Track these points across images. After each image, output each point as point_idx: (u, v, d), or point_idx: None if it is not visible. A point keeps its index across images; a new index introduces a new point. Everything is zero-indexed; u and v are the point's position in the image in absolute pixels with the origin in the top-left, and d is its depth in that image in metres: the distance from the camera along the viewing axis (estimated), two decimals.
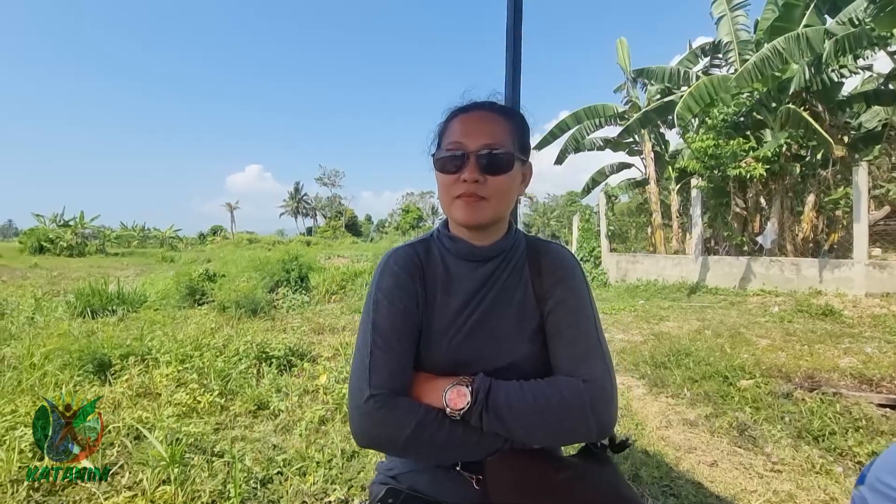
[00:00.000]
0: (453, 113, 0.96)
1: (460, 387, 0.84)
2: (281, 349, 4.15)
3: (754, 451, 2.78)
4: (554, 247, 1.02)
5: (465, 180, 0.88)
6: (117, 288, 7.50)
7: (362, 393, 0.84)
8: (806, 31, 7.88)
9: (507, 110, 0.96)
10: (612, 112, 13.10)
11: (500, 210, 0.93)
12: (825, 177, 9.99)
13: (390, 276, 0.95)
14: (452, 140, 0.91)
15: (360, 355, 0.89)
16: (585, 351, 0.88)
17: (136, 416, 2.72)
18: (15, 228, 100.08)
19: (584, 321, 0.91)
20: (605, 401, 0.83)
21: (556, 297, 0.94)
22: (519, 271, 0.98)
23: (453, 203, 0.92)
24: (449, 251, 0.99)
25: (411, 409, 0.84)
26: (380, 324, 0.90)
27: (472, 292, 0.95)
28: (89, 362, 3.67)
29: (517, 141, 0.93)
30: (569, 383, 0.84)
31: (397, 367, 0.88)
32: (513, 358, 0.91)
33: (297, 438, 2.74)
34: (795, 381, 3.83)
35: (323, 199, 76.00)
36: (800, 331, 6.17)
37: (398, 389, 0.86)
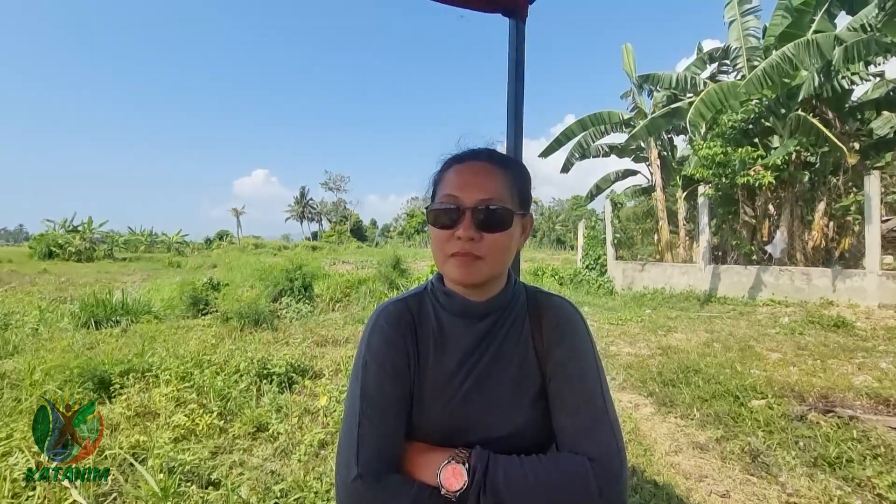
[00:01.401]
0: (447, 162, 0.90)
1: (456, 465, 0.77)
2: (282, 365, 4.10)
3: (768, 479, 2.69)
4: (556, 300, 0.95)
5: (459, 237, 0.82)
6: (122, 297, 7.51)
7: (349, 470, 0.78)
8: (816, 38, 7.76)
9: (506, 160, 0.90)
10: (617, 119, 13.00)
11: (497, 268, 0.87)
12: (835, 184, 9.83)
13: (380, 337, 0.88)
14: (446, 193, 0.85)
15: (349, 425, 0.83)
16: (591, 422, 0.81)
17: (133, 441, 2.67)
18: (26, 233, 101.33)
19: (588, 387, 0.84)
20: (612, 482, 0.76)
21: (557, 359, 0.87)
22: (518, 328, 0.92)
23: (447, 261, 0.85)
24: (443, 307, 0.92)
25: (402, 489, 0.77)
26: (369, 390, 0.84)
27: (468, 352, 0.89)
28: (89, 379, 3.64)
29: (516, 194, 0.87)
30: (573, 462, 0.77)
31: (387, 440, 0.81)
32: (512, 426, 0.85)
33: (296, 464, 2.68)
34: (809, 402, 3.72)
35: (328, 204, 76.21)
36: (811, 344, 6.04)
37: (388, 466, 0.80)
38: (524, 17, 1.38)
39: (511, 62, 1.38)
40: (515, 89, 1.37)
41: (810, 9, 8.94)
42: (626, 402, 4.02)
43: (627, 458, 0.81)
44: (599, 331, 7.16)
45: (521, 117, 1.37)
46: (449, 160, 0.90)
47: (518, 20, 1.38)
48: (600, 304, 10.49)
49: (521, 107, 1.38)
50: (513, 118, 1.36)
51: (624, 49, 13.06)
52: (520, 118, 1.37)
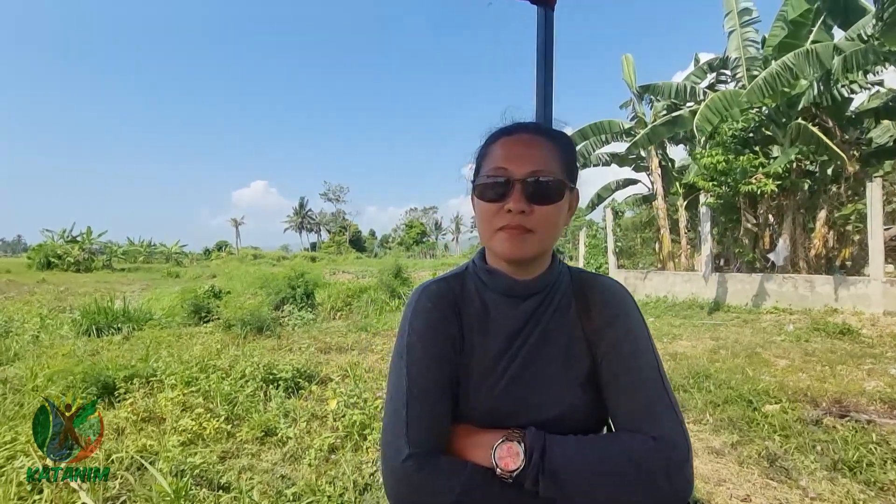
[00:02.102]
0: (495, 135, 0.87)
1: (511, 443, 0.73)
2: (288, 371, 4.04)
3: (789, 483, 2.63)
4: (603, 279, 0.92)
5: (509, 210, 0.79)
6: (123, 305, 7.45)
7: (399, 452, 0.74)
8: (815, 48, 7.85)
9: (554, 133, 0.87)
10: (618, 128, 13.08)
11: (547, 243, 0.84)
12: (835, 192, 9.87)
13: (423, 316, 0.85)
14: (495, 165, 0.82)
15: (395, 406, 0.79)
16: (650, 401, 0.77)
17: (139, 445, 2.61)
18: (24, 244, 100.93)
19: (645, 366, 0.81)
20: (679, 462, 0.72)
21: (609, 339, 0.84)
22: (565, 308, 0.89)
23: (495, 235, 0.82)
24: (486, 286, 0.89)
25: (456, 470, 0.73)
26: (414, 371, 0.80)
27: (514, 332, 0.85)
28: (93, 385, 3.58)
29: (565, 166, 0.85)
30: (637, 441, 0.74)
31: (436, 421, 0.78)
32: (562, 408, 0.81)
33: (307, 469, 2.62)
34: (823, 407, 3.68)
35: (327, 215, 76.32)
36: (818, 351, 6.00)
37: (439, 446, 0.76)
38: (553, 3, 1.38)
39: (539, 50, 1.37)
40: (545, 77, 1.35)
41: (808, 21, 9.07)
42: None
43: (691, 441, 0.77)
44: None
45: (550, 105, 1.35)
46: (495, 133, 0.87)
47: (547, 7, 1.37)
48: None
49: (550, 95, 1.36)
50: (542, 106, 1.35)
51: (624, 59, 13.21)
52: (549, 106, 1.36)
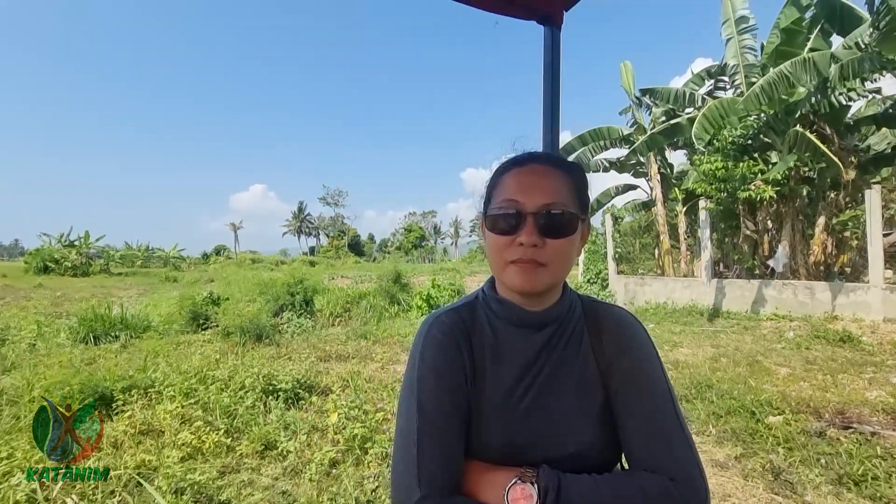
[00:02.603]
0: (506, 165, 0.86)
1: (524, 484, 0.72)
2: (288, 381, 4.01)
3: (794, 498, 2.61)
4: (615, 310, 0.91)
5: (521, 244, 0.78)
6: (120, 312, 7.40)
7: (410, 494, 0.72)
8: (812, 56, 7.90)
9: (566, 164, 0.86)
10: (617, 134, 13.12)
11: (559, 276, 0.83)
12: (835, 199, 9.90)
13: (434, 348, 0.83)
14: (506, 197, 0.81)
15: (405, 443, 0.77)
16: (666, 438, 0.76)
17: (138, 460, 2.58)
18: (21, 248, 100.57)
19: (659, 399, 0.79)
20: (698, 502, 0.71)
21: (622, 371, 0.82)
22: (577, 339, 0.87)
23: (507, 268, 0.81)
24: (497, 316, 0.88)
25: None
26: (426, 405, 0.78)
27: (527, 364, 0.84)
28: (90, 396, 3.54)
29: (578, 198, 0.84)
30: (654, 482, 0.72)
31: (449, 459, 0.76)
32: (577, 445, 0.79)
33: (308, 484, 2.59)
34: (826, 418, 3.66)
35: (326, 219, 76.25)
36: (819, 359, 5.99)
37: (451, 486, 0.74)
38: (560, 23, 1.37)
39: (546, 70, 1.36)
40: (552, 96, 1.35)
41: (802, 28, 9.13)
42: None
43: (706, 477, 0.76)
44: None
45: (557, 124, 1.34)
46: (506, 163, 0.86)
47: (553, 27, 1.36)
48: None
49: (557, 114, 1.35)
50: (549, 126, 1.34)
51: (623, 66, 13.26)
52: (556, 125, 1.35)
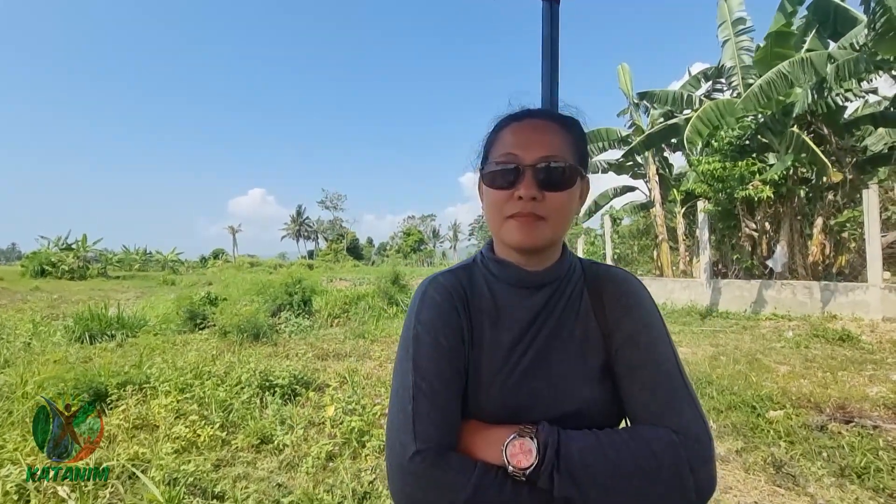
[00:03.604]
0: (504, 121, 0.84)
1: (524, 439, 0.69)
2: (285, 377, 3.97)
3: (796, 490, 2.58)
4: (616, 271, 0.89)
5: (520, 197, 0.76)
6: (117, 312, 7.36)
7: (406, 448, 0.70)
8: (810, 56, 7.94)
9: (565, 119, 0.84)
10: (615, 136, 13.16)
11: (559, 231, 0.81)
12: (833, 199, 9.92)
13: (432, 308, 0.81)
14: (505, 152, 0.79)
15: (401, 401, 0.75)
16: (670, 394, 0.74)
17: (131, 453, 2.54)
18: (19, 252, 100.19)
19: (662, 358, 0.77)
20: (703, 457, 0.69)
21: (624, 331, 0.80)
22: (577, 300, 0.85)
23: (505, 223, 0.79)
24: (496, 277, 0.86)
25: (466, 467, 0.69)
26: (422, 364, 0.76)
27: (526, 324, 0.82)
28: (85, 391, 3.50)
29: (577, 153, 0.82)
30: (657, 435, 0.70)
31: (446, 416, 0.73)
32: (578, 403, 0.77)
33: (304, 477, 2.55)
34: (827, 413, 3.63)
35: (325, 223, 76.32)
36: (819, 357, 5.97)
37: (448, 443, 0.72)
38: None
39: (545, 44, 1.35)
40: (550, 70, 1.33)
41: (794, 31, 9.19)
42: None
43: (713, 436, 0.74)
44: None
45: (556, 97, 1.33)
46: (504, 119, 0.84)
47: (552, 2, 1.36)
48: None
49: (556, 89, 1.34)
50: (548, 99, 1.33)
51: (620, 69, 13.33)
52: (555, 99, 1.33)
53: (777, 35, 9.16)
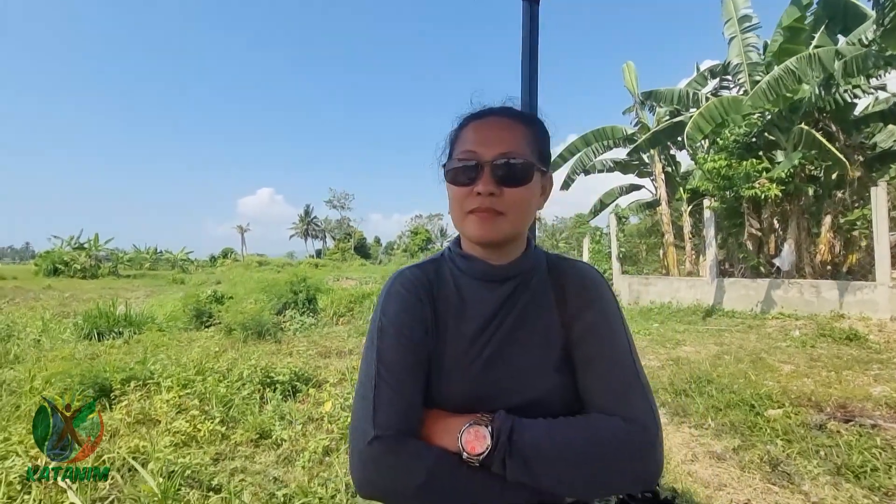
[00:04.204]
0: (466, 119, 0.87)
1: (479, 427, 0.72)
2: (286, 374, 4.03)
3: (790, 488, 2.58)
4: (579, 265, 0.91)
5: (479, 193, 0.79)
6: (125, 310, 7.48)
7: (365, 434, 0.73)
8: (818, 52, 7.85)
9: (525, 116, 0.87)
10: (621, 134, 13.09)
11: (518, 225, 0.83)
12: (841, 197, 9.79)
13: (397, 301, 0.84)
14: (465, 149, 0.82)
15: (364, 390, 0.78)
16: (623, 385, 0.77)
17: (132, 446, 2.60)
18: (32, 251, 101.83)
19: (618, 350, 0.80)
20: (649, 443, 0.72)
21: (584, 323, 0.82)
22: (541, 293, 0.88)
23: (466, 218, 0.82)
24: (462, 271, 0.89)
25: (422, 453, 0.72)
26: (385, 354, 0.79)
27: (489, 317, 0.84)
28: (90, 387, 3.58)
29: (536, 150, 0.84)
30: (607, 423, 0.73)
31: (406, 405, 0.76)
32: (537, 393, 0.80)
33: (300, 471, 2.60)
34: (827, 412, 3.61)
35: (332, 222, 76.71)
36: (825, 356, 5.91)
37: (407, 430, 0.75)
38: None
39: (525, 44, 1.38)
40: (530, 69, 1.36)
41: (805, 26, 9.07)
42: None
43: (661, 423, 0.76)
44: None
45: (535, 98, 1.35)
46: (466, 117, 0.87)
47: (533, 2, 1.38)
48: None
49: (535, 88, 1.37)
50: (527, 98, 1.35)
51: (625, 67, 13.24)
52: (534, 99, 1.36)
53: (790, 30, 9.04)
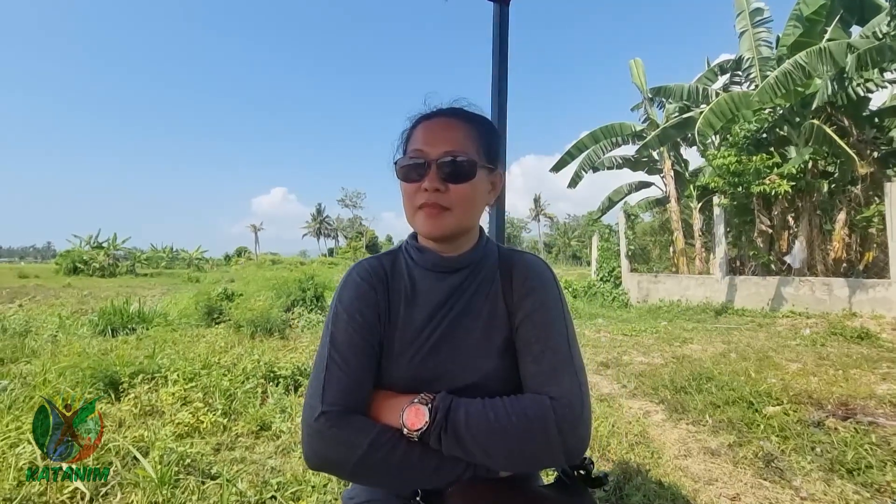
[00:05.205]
0: (416, 120, 0.93)
1: (419, 406, 0.78)
2: (289, 368, 4.12)
3: (781, 484, 2.58)
4: (528, 257, 0.96)
5: (426, 189, 0.84)
6: (139, 307, 7.68)
7: (314, 410, 0.79)
8: (829, 45, 7.70)
9: (471, 116, 0.92)
10: (629, 130, 12.98)
11: (465, 220, 0.88)
12: (855, 193, 9.60)
13: (352, 288, 0.90)
14: (414, 148, 0.88)
15: (317, 370, 0.84)
16: (553, 366, 0.81)
17: (136, 436, 2.71)
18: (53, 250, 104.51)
19: (553, 335, 0.85)
20: (572, 421, 0.76)
21: (524, 310, 0.88)
22: (489, 282, 0.93)
23: (416, 214, 0.88)
24: (415, 262, 0.94)
25: (365, 428, 0.78)
26: (338, 337, 0.85)
27: (438, 305, 0.90)
28: (101, 380, 3.71)
29: (482, 148, 0.89)
30: (533, 400, 0.78)
31: (353, 384, 0.82)
32: (479, 375, 0.85)
33: (296, 461, 2.67)
34: (827, 409, 3.58)
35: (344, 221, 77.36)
36: (833, 355, 5.83)
37: (353, 407, 0.81)
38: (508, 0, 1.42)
39: (495, 45, 1.42)
40: (499, 70, 1.40)
41: (822, 18, 8.90)
42: (636, 409, 3.93)
43: (590, 402, 0.80)
44: (612, 342, 7.03)
45: (504, 97, 1.39)
46: (417, 118, 0.93)
47: (502, 3, 1.42)
48: (615, 315, 10.32)
49: (504, 87, 1.41)
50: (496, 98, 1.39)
51: (633, 64, 13.13)
52: (503, 98, 1.40)
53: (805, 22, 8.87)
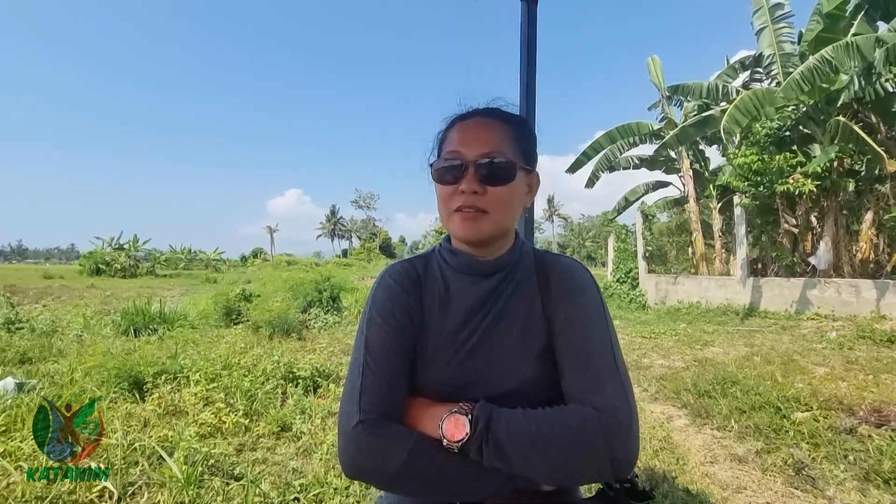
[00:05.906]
0: (452, 121, 0.91)
1: (459, 415, 0.76)
2: (307, 369, 4.15)
3: (814, 493, 2.50)
4: (565, 260, 0.93)
5: (462, 191, 0.82)
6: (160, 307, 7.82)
7: (351, 418, 0.78)
8: (856, 40, 7.47)
9: (508, 116, 0.89)
10: (647, 130, 12.78)
11: (502, 223, 0.86)
12: (883, 192, 9.30)
13: (385, 292, 0.89)
14: (450, 149, 0.86)
15: (352, 376, 0.83)
16: (597, 375, 0.78)
17: (161, 435, 2.74)
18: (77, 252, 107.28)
19: (596, 341, 0.81)
20: (620, 432, 0.73)
21: (565, 315, 0.84)
22: (525, 286, 0.90)
23: (451, 216, 0.85)
24: (449, 265, 0.92)
25: (403, 437, 0.76)
26: (372, 343, 0.84)
27: (474, 309, 0.87)
28: (125, 380, 3.78)
29: (520, 149, 0.87)
30: (577, 412, 0.75)
31: (389, 390, 0.81)
32: (518, 382, 0.83)
33: (318, 462, 2.68)
34: (860, 416, 3.46)
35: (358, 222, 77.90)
36: (862, 359, 5.65)
37: (390, 414, 0.79)
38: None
39: (523, 43, 1.40)
40: (528, 69, 1.38)
41: (844, 13, 8.65)
42: (658, 414, 3.86)
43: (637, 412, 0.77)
44: (631, 344, 6.93)
45: (532, 96, 1.37)
46: (453, 119, 0.91)
47: (531, 1, 1.40)
48: (632, 317, 10.18)
49: (533, 86, 1.38)
50: (524, 98, 1.37)
51: (650, 61, 12.93)
52: (532, 97, 1.37)
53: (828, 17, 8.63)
